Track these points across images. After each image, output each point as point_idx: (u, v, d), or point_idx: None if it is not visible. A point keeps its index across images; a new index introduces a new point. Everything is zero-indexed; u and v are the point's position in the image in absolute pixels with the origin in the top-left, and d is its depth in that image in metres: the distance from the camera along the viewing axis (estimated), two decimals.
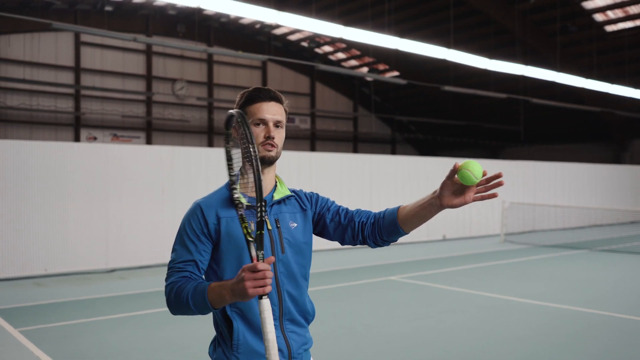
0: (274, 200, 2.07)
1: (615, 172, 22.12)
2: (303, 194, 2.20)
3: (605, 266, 11.14)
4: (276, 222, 2.05)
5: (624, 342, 5.82)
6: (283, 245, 2.04)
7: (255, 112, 2.04)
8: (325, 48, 30.17)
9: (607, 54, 23.28)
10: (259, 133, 2.03)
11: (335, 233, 2.19)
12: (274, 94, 2.07)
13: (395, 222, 2.05)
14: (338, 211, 2.19)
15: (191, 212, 2.05)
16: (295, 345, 2.04)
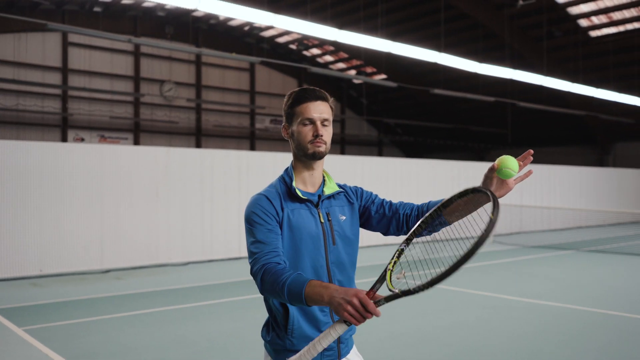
0: (325, 195, 2.19)
1: (599, 175, 22.51)
2: (349, 188, 2.32)
3: (594, 266, 11.37)
4: (327, 215, 2.17)
5: (622, 339, 5.99)
6: (334, 237, 2.16)
7: (303, 112, 2.13)
8: (314, 51, 30.29)
9: (592, 58, 23.69)
10: (308, 132, 2.13)
11: (380, 224, 2.30)
12: (320, 93, 2.16)
13: (440, 212, 2.15)
14: (382, 204, 2.30)
15: (258, 202, 2.12)
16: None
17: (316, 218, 2.14)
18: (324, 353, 2.11)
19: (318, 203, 2.17)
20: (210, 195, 12.01)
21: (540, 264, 11.55)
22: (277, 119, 30.34)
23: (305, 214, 2.14)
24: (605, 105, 25.06)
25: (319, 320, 2.11)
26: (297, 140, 2.15)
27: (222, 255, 12.13)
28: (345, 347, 2.19)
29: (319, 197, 2.18)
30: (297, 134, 2.15)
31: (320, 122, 2.13)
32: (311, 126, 2.13)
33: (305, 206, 2.15)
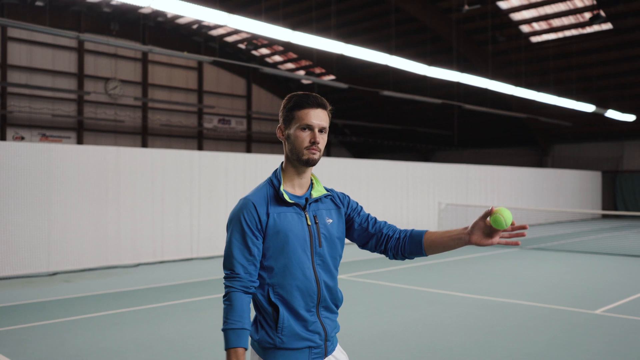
0: (312, 198, 2.25)
1: (539, 175, 23.40)
2: (336, 194, 2.38)
3: (537, 263, 11.83)
4: (315, 218, 2.23)
5: (566, 331, 6.29)
6: (320, 240, 2.22)
7: (303, 118, 2.18)
8: (263, 50, 30.21)
9: (533, 63, 24.58)
10: (305, 137, 2.18)
11: (360, 237, 2.38)
12: (321, 101, 2.23)
13: (421, 245, 2.27)
14: (367, 218, 2.38)
15: (245, 208, 2.18)
16: (329, 329, 2.24)
17: (303, 221, 2.20)
18: (312, 351, 2.18)
19: (305, 206, 2.22)
20: (162, 195, 11.83)
21: (486, 262, 11.94)
22: (225, 118, 30.11)
23: (292, 217, 2.19)
24: (544, 108, 26.09)
25: (306, 320, 2.17)
26: (293, 144, 2.20)
27: (174, 257, 11.98)
28: (331, 344, 2.26)
29: (306, 200, 2.24)
30: (294, 138, 2.19)
31: (318, 129, 2.19)
32: (309, 132, 2.19)
33: (293, 209, 2.20)
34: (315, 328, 2.18)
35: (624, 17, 21.23)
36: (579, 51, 23.53)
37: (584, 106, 20.96)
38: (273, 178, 2.25)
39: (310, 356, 2.18)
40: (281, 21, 17.31)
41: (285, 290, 2.15)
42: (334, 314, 2.27)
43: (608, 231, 19.78)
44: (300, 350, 2.16)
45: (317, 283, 2.19)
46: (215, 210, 12.68)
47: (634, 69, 24.10)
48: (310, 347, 2.17)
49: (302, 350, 2.16)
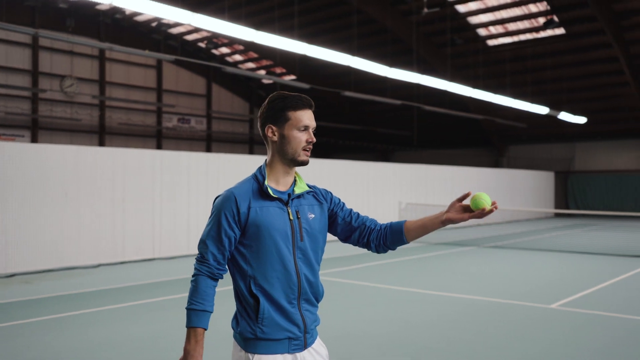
0: (295, 194, 2.32)
1: (495, 175, 24.01)
2: (319, 190, 2.46)
3: (495, 261, 12.18)
4: (297, 213, 2.30)
5: (525, 325, 6.54)
6: (302, 234, 2.29)
7: (301, 119, 2.27)
8: (223, 49, 30.04)
9: (490, 66, 25.19)
10: (302, 138, 2.27)
11: (343, 231, 2.47)
12: (311, 102, 2.32)
13: (402, 232, 2.38)
14: (350, 213, 2.47)
15: (226, 200, 2.26)
16: (309, 321, 2.30)
17: (285, 215, 2.27)
18: (291, 342, 2.24)
19: (288, 201, 2.29)
20: (122, 195, 11.68)
21: (446, 260, 12.22)
22: (185, 117, 29.81)
23: (275, 211, 2.26)
24: (500, 110, 26.76)
25: (287, 310, 2.24)
26: (289, 145, 2.27)
27: (135, 257, 11.84)
28: (311, 337, 2.32)
29: (289, 195, 2.31)
30: (291, 139, 2.26)
31: (312, 129, 2.30)
32: (306, 133, 2.28)
33: (276, 204, 2.27)
34: (295, 319, 2.24)
35: (576, 22, 21.99)
36: (533, 55, 24.24)
37: (538, 108, 21.61)
38: (257, 174, 2.32)
39: (290, 347, 2.24)
40: (243, 20, 17.26)
41: (266, 282, 2.22)
42: (315, 307, 2.34)
43: (561, 229, 20.45)
44: (280, 341, 2.22)
45: (297, 276, 2.26)
46: (177, 210, 12.59)
47: (585, 73, 24.98)
48: (289, 338, 2.23)
49: (281, 341, 2.22)
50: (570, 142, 29.03)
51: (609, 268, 10.89)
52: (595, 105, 26.38)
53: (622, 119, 26.83)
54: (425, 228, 2.36)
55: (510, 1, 21.67)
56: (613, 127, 27.47)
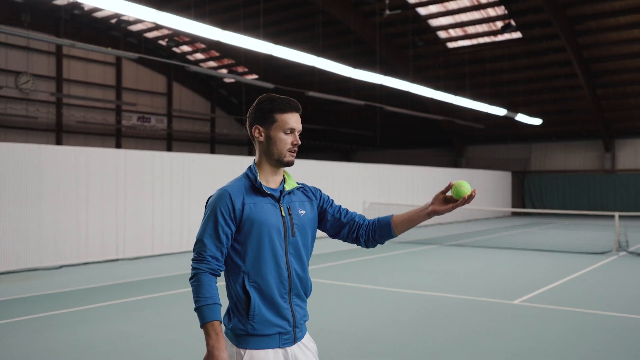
0: (285, 191, 2.41)
1: (455, 175, 24.47)
2: (308, 187, 2.54)
3: (457, 259, 12.47)
4: (288, 209, 2.38)
5: (491, 319, 6.76)
6: (294, 230, 2.37)
7: (287, 121, 2.35)
8: (184, 48, 29.74)
9: (450, 68, 25.69)
10: (288, 140, 2.36)
11: (332, 227, 2.54)
12: (299, 105, 2.41)
13: (389, 225, 2.46)
14: (339, 209, 2.55)
15: (220, 198, 2.32)
16: (298, 316, 2.39)
17: (278, 212, 2.35)
18: (282, 337, 2.32)
19: (280, 198, 2.37)
20: (86, 195, 11.49)
21: (410, 258, 12.45)
22: (145, 116, 29.41)
23: (268, 208, 2.33)
24: (459, 111, 27.31)
25: (279, 305, 2.31)
26: (275, 146, 2.35)
27: (99, 258, 11.66)
28: (300, 332, 2.40)
29: (280, 192, 2.39)
30: (277, 140, 2.35)
31: (298, 132, 2.38)
32: (291, 135, 2.36)
33: (268, 200, 2.35)
34: (285, 314, 2.32)
35: (532, 27, 22.64)
36: (491, 58, 24.84)
37: (496, 110, 22.16)
38: (249, 172, 2.38)
39: (280, 342, 2.31)
40: (207, 18, 17.16)
41: (260, 277, 2.29)
42: (304, 302, 2.43)
43: (519, 228, 21.03)
44: (270, 336, 2.29)
45: (288, 271, 2.33)
46: (141, 210, 12.45)
47: (540, 76, 25.73)
48: (280, 333, 2.31)
49: (272, 336, 2.30)
50: (526, 143, 29.84)
51: (567, 265, 11.29)
52: (550, 107, 27.20)
53: (575, 120, 27.75)
54: (412, 221, 2.43)
55: (469, 5, 22.17)
56: (567, 128, 28.38)
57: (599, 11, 21.28)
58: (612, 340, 5.88)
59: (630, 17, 21.21)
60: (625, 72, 24.16)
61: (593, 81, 24.81)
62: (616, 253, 13.08)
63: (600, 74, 24.63)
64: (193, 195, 13.48)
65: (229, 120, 34.49)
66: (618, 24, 21.70)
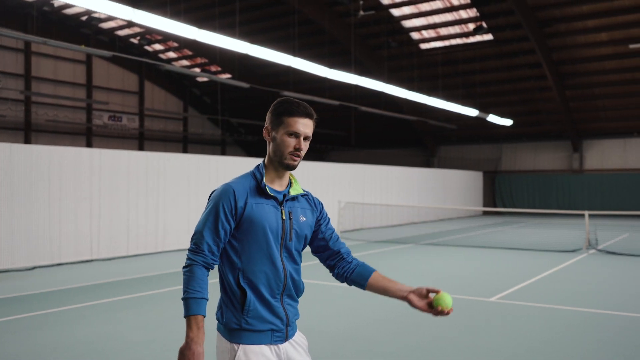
0: (289, 195, 2.44)
1: (428, 175, 24.76)
2: (312, 197, 2.58)
3: (432, 257, 12.62)
4: (289, 214, 2.41)
5: (470, 317, 6.87)
6: (292, 234, 2.41)
7: (292, 125, 2.36)
8: (156, 46, 29.44)
9: (423, 69, 25.94)
10: (290, 143, 2.36)
11: (317, 247, 2.58)
12: (310, 111, 2.41)
13: (366, 280, 2.51)
14: (332, 234, 2.60)
15: (224, 193, 2.34)
16: (290, 315, 2.43)
17: (279, 215, 2.38)
18: (274, 334, 2.35)
19: (282, 201, 2.40)
20: (59, 195, 11.30)
21: (387, 257, 12.55)
22: (116, 115, 29.02)
23: (269, 209, 2.36)
24: (432, 111, 27.59)
25: (271, 304, 2.35)
26: (277, 147, 2.37)
27: (72, 259, 11.49)
28: (292, 330, 2.45)
29: (284, 196, 2.42)
30: (280, 142, 2.37)
31: (303, 137, 2.38)
32: (295, 139, 2.37)
33: (271, 202, 2.38)
34: (278, 312, 2.36)
35: (503, 29, 23.00)
36: (464, 59, 25.16)
37: (468, 110, 22.46)
38: (256, 172, 2.42)
39: (272, 339, 2.35)
40: (182, 16, 17.01)
41: (254, 276, 2.32)
42: (295, 302, 2.48)
43: (491, 227, 21.36)
44: (263, 332, 2.33)
45: (284, 273, 2.38)
46: (116, 210, 12.30)
47: (511, 77, 26.17)
48: (272, 329, 2.34)
49: (265, 332, 2.33)
50: (497, 143, 30.32)
51: (539, 262, 11.53)
52: (521, 108, 27.69)
53: (544, 121, 28.31)
54: (386, 292, 2.47)
55: (442, 7, 22.41)
56: (536, 129, 28.93)
57: (567, 15, 21.74)
58: (587, 335, 6.04)
59: (597, 21, 21.72)
60: (593, 74, 24.74)
61: (562, 83, 25.34)
62: (586, 251, 13.41)
63: (568, 76, 25.17)
64: (169, 195, 13.37)
65: (201, 119, 34.25)
66: (586, 27, 22.20)
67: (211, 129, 34.61)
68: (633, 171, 27.07)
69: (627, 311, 7.17)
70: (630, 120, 26.69)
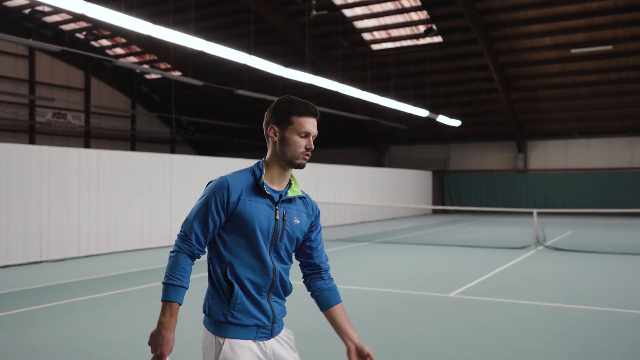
0: (286, 196, 2.42)
1: (379, 174, 25.07)
2: (311, 201, 2.56)
3: (387, 255, 12.79)
4: (284, 215, 2.39)
5: (433, 313, 7.01)
6: (283, 236, 2.40)
7: (303, 125, 2.35)
8: (103, 42, 28.68)
9: (375, 69, 26.24)
10: (302, 143, 2.35)
11: (301, 253, 2.58)
12: (317, 111, 2.41)
13: (325, 309, 2.56)
14: (319, 245, 2.59)
15: (219, 186, 2.33)
16: (277, 311, 2.43)
17: (272, 214, 2.36)
18: (259, 329, 2.35)
19: (278, 201, 2.38)
20: (6, 194, 10.87)
21: (344, 255, 12.64)
22: (61, 112, 28.11)
23: (263, 208, 2.34)
24: (383, 111, 27.96)
25: (257, 299, 2.34)
26: (288, 147, 2.34)
27: (21, 260, 11.06)
28: (278, 327, 2.44)
29: (280, 196, 2.39)
30: (291, 142, 2.34)
31: (312, 137, 2.38)
32: (306, 139, 2.36)
33: (266, 201, 2.35)
34: (265, 309, 2.35)
35: (452, 32, 23.53)
36: (414, 60, 25.60)
37: (419, 111, 22.86)
38: (255, 169, 2.39)
39: (257, 334, 2.34)
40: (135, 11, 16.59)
41: (242, 271, 2.32)
42: (282, 300, 2.47)
43: (442, 225, 21.81)
44: (248, 327, 2.32)
45: (273, 272, 2.37)
46: (66, 209, 11.92)
47: (460, 79, 26.79)
48: (257, 325, 2.34)
49: (250, 327, 2.33)
50: (446, 144, 30.98)
51: (491, 259, 11.85)
52: (469, 109, 28.40)
53: (491, 122, 29.12)
54: (336, 328, 2.53)
55: (393, 8, 22.73)
56: (484, 129, 29.73)
57: (514, 19, 22.44)
58: (544, 327, 6.26)
59: (542, 26, 22.51)
60: (537, 77, 25.62)
61: (508, 85, 26.12)
62: (534, 247, 13.87)
63: (514, 79, 25.98)
64: (121, 194, 13.06)
65: (150, 117, 33.58)
66: (531, 31, 22.97)
67: (160, 127, 33.98)
68: (574, 171, 28.18)
69: (579, 304, 7.48)
70: (572, 122, 27.78)
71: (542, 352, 5.38)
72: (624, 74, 24.37)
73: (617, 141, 27.62)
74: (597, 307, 7.32)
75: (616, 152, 27.61)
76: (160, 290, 2.29)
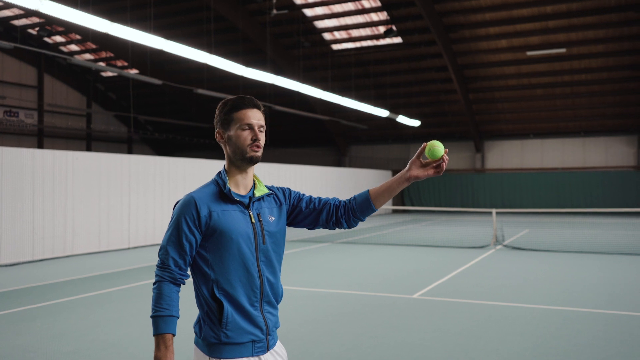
0: (255, 197, 2.35)
1: (339, 174, 25.15)
2: (277, 189, 2.49)
3: (349, 255, 12.82)
4: (258, 216, 2.33)
5: (397, 314, 7.04)
6: (264, 237, 2.33)
7: (243, 118, 2.29)
8: (57, 38, 27.89)
9: (335, 69, 26.29)
10: (247, 136, 2.29)
11: (309, 218, 2.48)
12: (256, 102, 2.35)
13: (368, 199, 2.42)
14: (311, 199, 2.50)
15: (185, 205, 2.25)
16: (270, 324, 2.34)
17: (247, 219, 2.29)
18: (255, 345, 2.27)
19: (249, 204, 2.32)
20: None
21: (305, 257, 12.61)
22: (12, 110, 27.22)
23: (236, 215, 2.28)
24: (344, 111, 28.05)
25: (250, 313, 2.26)
26: (235, 145, 2.29)
27: None
28: (272, 339, 2.37)
29: (249, 199, 2.34)
30: (235, 138, 2.29)
31: (257, 127, 2.31)
32: (250, 131, 2.29)
33: (237, 207, 2.29)
34: (258, 322, 2.27)
35: (412, 33, 23.77)
36: (375, 61, 25.76)
37: (379, 111, 23.01)
38: (218, 178, 2.33)
39: (254, 350, 2.27)
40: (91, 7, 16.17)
41: (229, 286, 2.23)
42: (275, 309, 2.39)
43: (401, 225, 22.01)
44: (244, 344, 2.24)
45: (260, 279, 2.29)
46: (20, 211, 11.53)
47: (419, 80, 27.10)
48: (253, 340, 2.26)
49: (245, 344, 2.24)
50: (405, 144, 31.29)
51: (452, 259, 12.01)
52: (428, 109, 28.75)
53: (450, 122, 29.55)
54: (392, 190, 2.38)
55: (353, 9, 22.81)
56: (443, 129, 30.14)
57: (471, 21, 22.82)
58: (506, 327, 6.36)
59: (499, 28, 22.96)
60: (494, 78, 26.13)
61: (466, 86, 26.55)
62: (494, 247, 14.13)
63: (472, 80, 26.42)
64: (77, 196, 12.71)
65: (106, 116, 32.84)
66: (488, 34, 23.40)
67: (117, 127, 33.27)
68: (530, 170, 28.85)
69: (539, 304, 7.63)
70: (527, 123, 28.44)
71: (504, 352, 5.46)
72: (576, 76, 25.09)
73: (570, 142, 28.41)
74: (556, 306, 7.49)
75: (569, 153, 28.40)
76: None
